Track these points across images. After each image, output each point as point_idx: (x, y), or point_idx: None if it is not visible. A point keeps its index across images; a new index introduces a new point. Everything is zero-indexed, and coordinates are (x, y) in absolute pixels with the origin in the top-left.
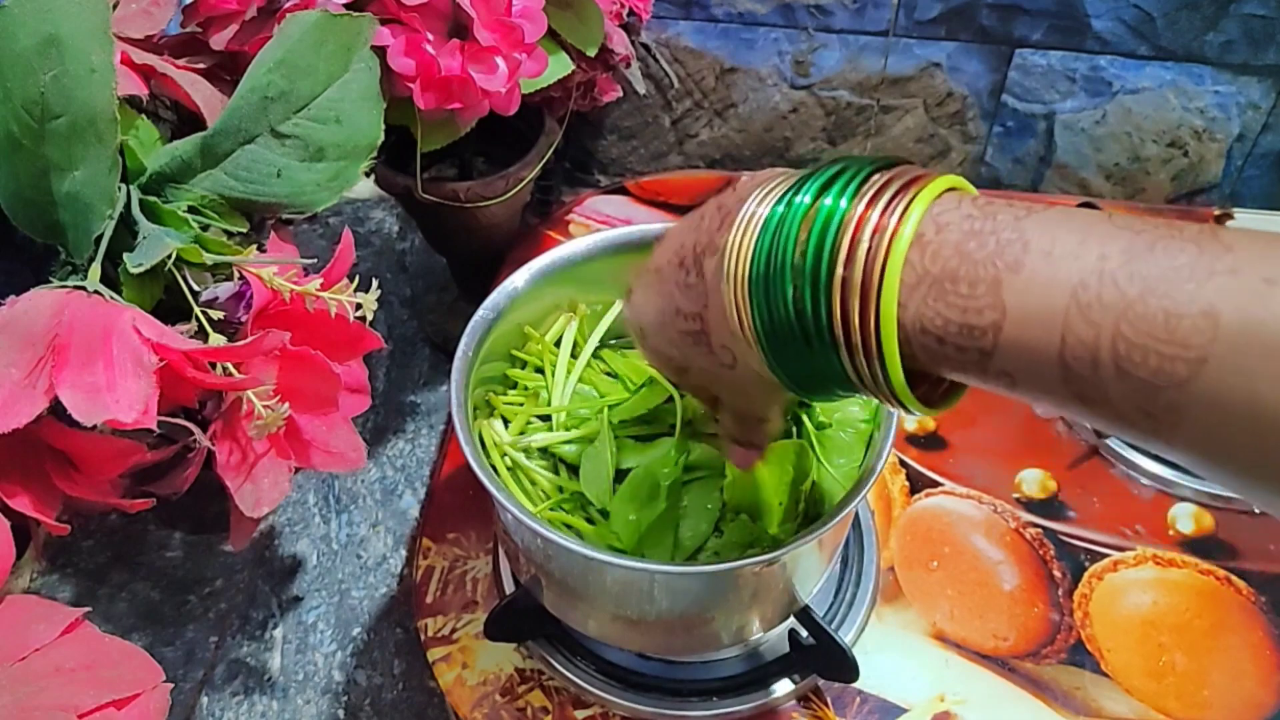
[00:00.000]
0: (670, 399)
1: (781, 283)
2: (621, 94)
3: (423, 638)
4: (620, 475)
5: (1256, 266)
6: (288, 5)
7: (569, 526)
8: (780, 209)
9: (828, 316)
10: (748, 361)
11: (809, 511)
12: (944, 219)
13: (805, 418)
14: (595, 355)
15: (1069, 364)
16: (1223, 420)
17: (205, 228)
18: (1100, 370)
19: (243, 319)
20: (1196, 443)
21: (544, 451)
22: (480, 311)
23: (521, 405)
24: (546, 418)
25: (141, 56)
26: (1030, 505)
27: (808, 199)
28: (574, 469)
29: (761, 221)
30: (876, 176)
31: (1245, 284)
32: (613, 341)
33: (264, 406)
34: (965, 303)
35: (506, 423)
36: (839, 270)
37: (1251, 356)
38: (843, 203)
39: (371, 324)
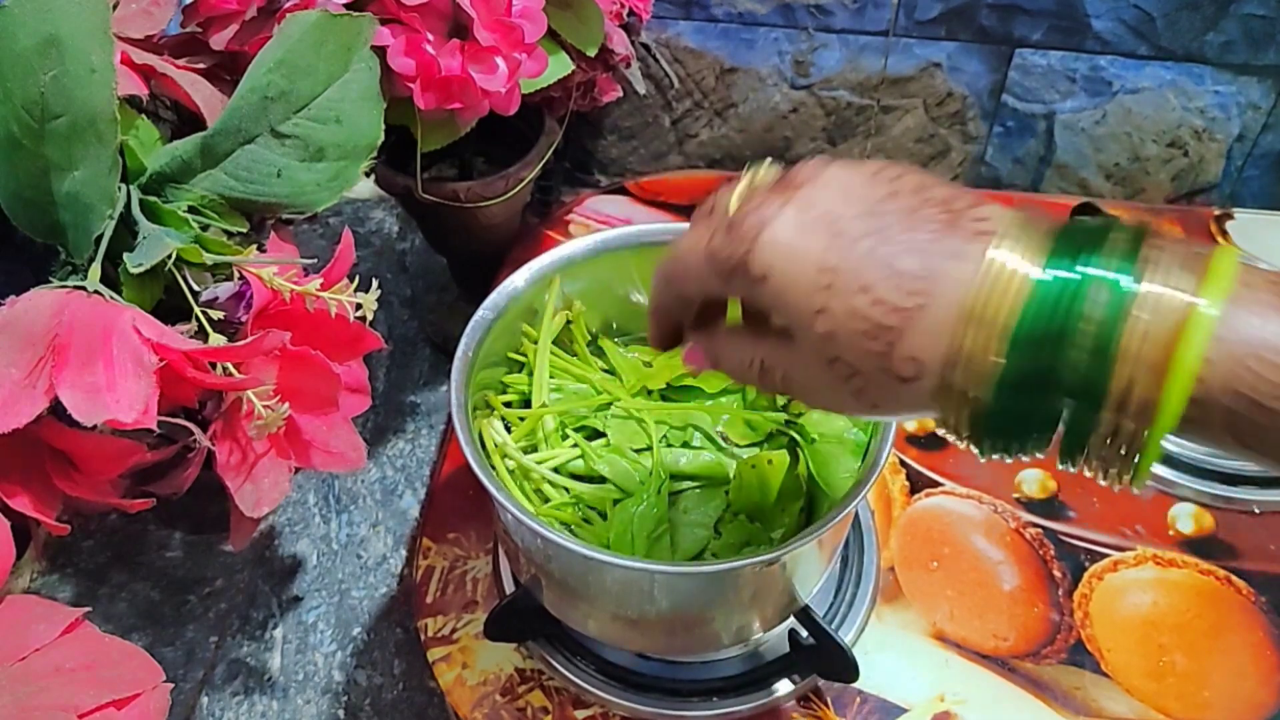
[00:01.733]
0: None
1: (1055, 347)
2: (621, 94)
3: (423, 638)
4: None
5: None
6: (288, 5)
7: (568, 527)
8: (1068, 278)
9: (1105, 383)
10: (917, 387)
11: (810, 512)
12: (1249, 278)
13: (799, 430)
14: (595, 351)
15: None
16: None
17: (205, 228)
18: None
19: (243, 319)
20: None
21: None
22: (480, 311)
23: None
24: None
25: (141, 56)
26: (1030, 505)
27: (1093, 270)
28: (577, 477)
29: (1034, 284)
30: (1154, 247)
31: None
32: (618, 339)
33: (264, 406)
34: None
35: (506, 422)
36: (1129, 341)
37: None
38: (1134, 277)
39: (371, 324)
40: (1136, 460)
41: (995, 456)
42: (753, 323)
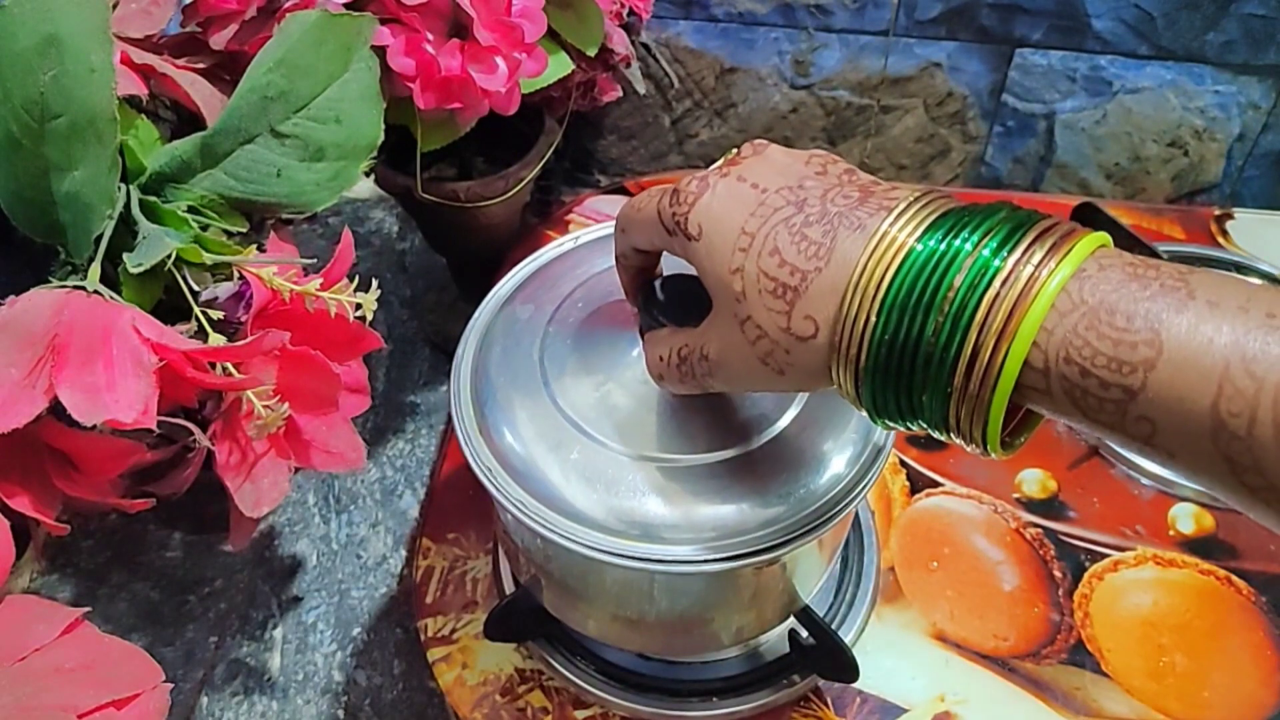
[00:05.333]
0: None
1: (919, 312)
2: (621, 94)
3: (423, 638)
4: None
5: None
6: (288, 5)
7: None
8: (937, 246)
9: (958, 347)
10: (812, 346)
11: None
12: (1106, 261)
13: None
14: None
15: (1222, 417)
16: None
17: (205, 228)
18: (1257, 429)
19: (242, 319)
20: None
21: None
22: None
23: None
24: None
25: (141, 56)
26: (1030, 505)
27: (968, 246)
28: None
29: (907, 251)
30: (1033, 231)
31: None
32: None
33: (264, 406)
34: (1119, 335)
35: None
36: (983, 311)
37: None
38: (1001, 256)
39: (371, 324)
40: (984, 426)
41: (888, 423)
42: (670, 322)
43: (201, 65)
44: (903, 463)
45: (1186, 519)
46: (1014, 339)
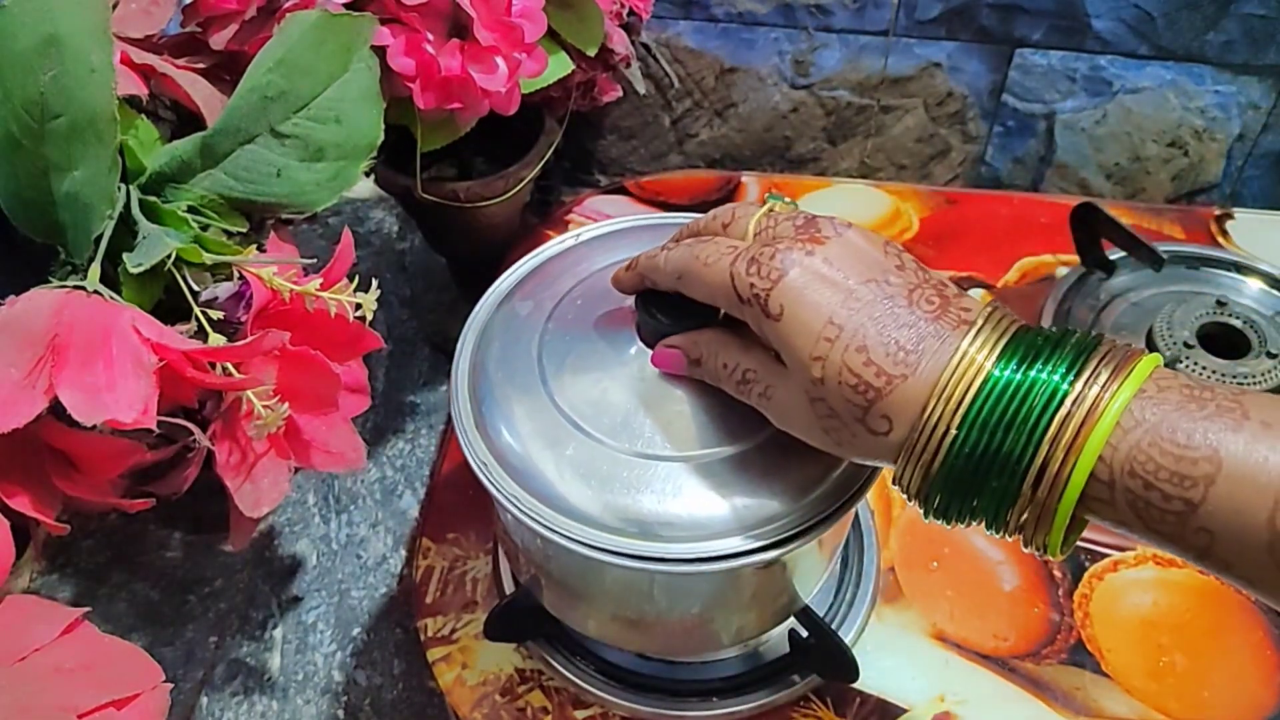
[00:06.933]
0: None
1: (998, 429)
2: (621, 94)
3: (423, 638)
4: None
5: None
6: (288, 5)
7: None
8: (1014, 375)
9: (1030, 460)
10: (882, 441)
11: None
12: (1165, 382)
13: None
14: None
15: (1279, 530)
16: None
17: (205, 228)
18: None
19: (242, 319)
20: None
21: None
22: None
23: None
24: None
25: (141, 56)
26: None
27: (1043, 375)
28: None
29: (986, 375)
30: (1097, 355)
31: None
32: None
33: (264, 406)
34: (1181, 451)
35: None
36: (1054, 428)
37: None
38: (1069, 380)
39: (371, 324)
40: (1048, 531)
41: (936, 520)
42: (745, 333)
43: (201, 65)
44: None
45: None
46: (1081, 453)
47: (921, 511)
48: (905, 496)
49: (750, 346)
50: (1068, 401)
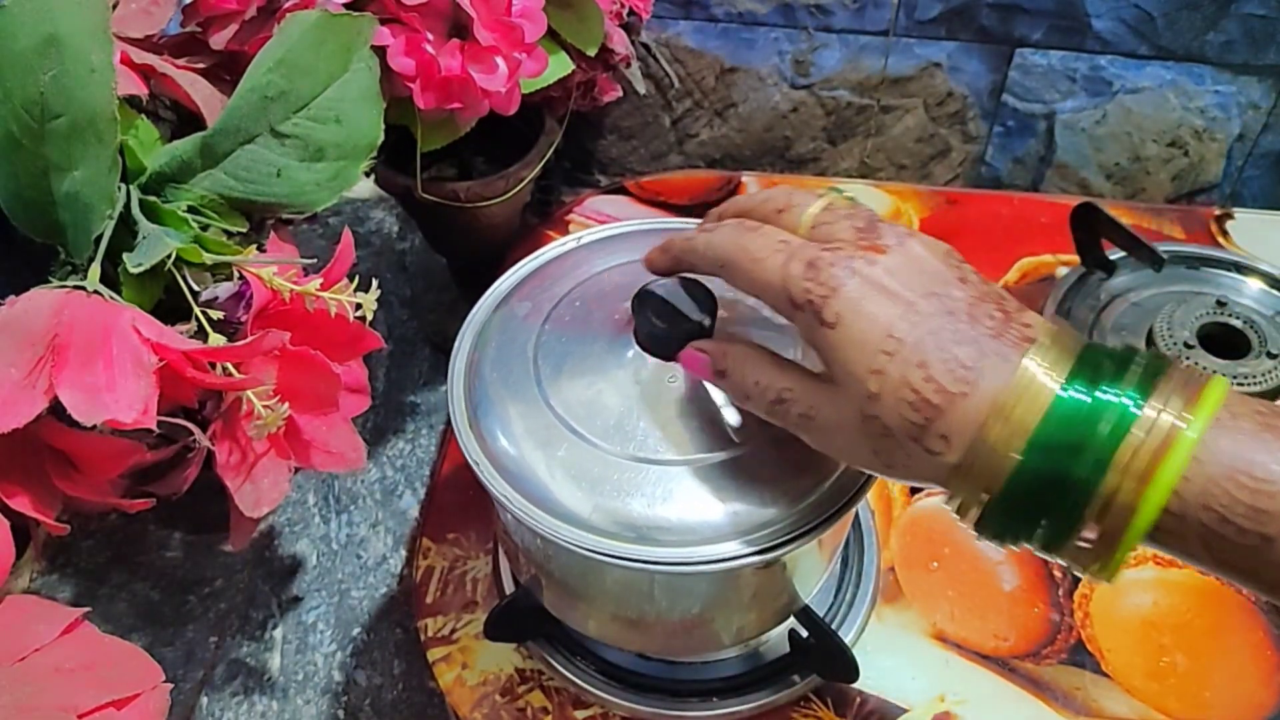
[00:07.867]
0: None
1: (1063, 453)
2: (621, 94)
3: (423, 638)
4: None
5: None
6: (288, 5)
7: None
8: (1080, 400)
9: (1096, 486)
10: (937, 460)
11: None
12: (1237, 409)
13: None
14: None
15: None
16: None
17: (205, 228)
18: None
19: (243, 319)
20: None
21: None
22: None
23: None
24: None
25: (141, 56)
26: None
27: (1110, 397)
28: None
29: (1052, 397)
30: (1165, 378)
31: None
32: None
33: (264, 406)
34: (1258, 485)
35: None
36: (1123, 454)
37: None
38: (1139, 404)
39: (371, 324)
40: (1110, 558)
41: (992, 541)
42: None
43: (201, 65)
44: None
45: None
46: (1153, 483)
47: (975, 533)
48: (957, 518)
49: (785, 366)
50: (1136, 426)
